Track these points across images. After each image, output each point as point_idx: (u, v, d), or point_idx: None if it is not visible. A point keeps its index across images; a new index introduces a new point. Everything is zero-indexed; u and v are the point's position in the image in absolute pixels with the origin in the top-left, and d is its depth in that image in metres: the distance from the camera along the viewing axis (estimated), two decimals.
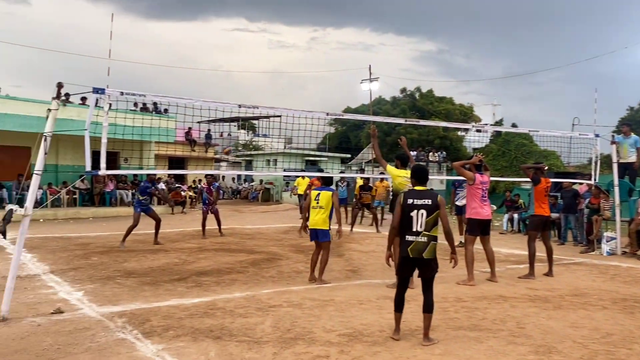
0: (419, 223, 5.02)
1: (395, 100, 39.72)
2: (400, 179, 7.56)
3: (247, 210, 23.28)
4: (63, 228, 14.61)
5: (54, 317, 5.71)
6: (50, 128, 5.79)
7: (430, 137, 34.19)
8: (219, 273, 8.41)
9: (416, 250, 5.01)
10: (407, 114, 35.94)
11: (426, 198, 5.07)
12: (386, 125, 35.40)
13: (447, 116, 34.78)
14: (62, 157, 19.87)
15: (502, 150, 29.71)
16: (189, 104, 7.27)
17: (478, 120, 39.18)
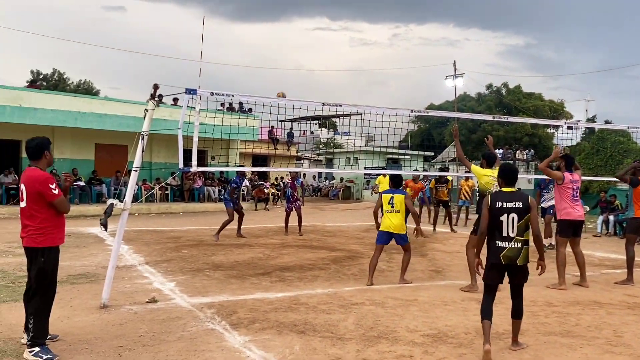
0: (510, 228, 4.70)
1: (481, 97, 38.53)
2: (487, 178, 7.29)
3: (327, 208, 23.47)
4: (156, 222, 15.42)
5: (148, 305, 6.05)
6: (147, 127, 6.13)
7: (518, 135, 32.91)
8: (302, 269, 8.55)
9: (509, 257, 4.71)
10: (493, 110, 34.79)
11: (516, 200, 4.74)
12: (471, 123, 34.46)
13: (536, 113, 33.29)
14: (156, 154, 20.95)
15: (596, 149, 27.98)
16: (274, 103, 7.44)
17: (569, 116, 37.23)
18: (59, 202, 4.50)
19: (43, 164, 4.60)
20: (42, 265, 4.47)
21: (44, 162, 4.60)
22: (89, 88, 49.37)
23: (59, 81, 47.91)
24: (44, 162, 4.61)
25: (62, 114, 17.26)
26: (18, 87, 18.82)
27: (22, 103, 16.54)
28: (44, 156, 4.59)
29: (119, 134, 18.44)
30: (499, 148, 31.57)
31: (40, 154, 4.57)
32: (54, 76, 48.63)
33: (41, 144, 4.60)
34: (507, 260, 4.71)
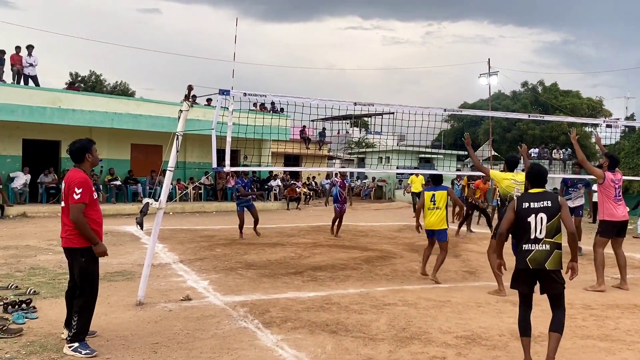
0: (538, 229, 4.32)
1: (516, 95, 37.85)
2: (507, 182, 7.01)
3: (359, 208, 23.42)
4: (190, 221, 15.65)
5: (183, 303, 6.15)
6: (181, 128, 6.22)
7: (554, 134, 32.22)
8: (334, 269, 8.55)
9: (536, 261, 4.29)
10: (529, 108, 34.15)
11: (545, 200, 4.40)
12: (506, 121, 33.88)
13: (573, 111, 32.53)
14: (189, 154, 21.26)
15: (637, 147, 27.16)
16: (306, 103, 7.46)
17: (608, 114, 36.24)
18: (74, 207, 4.47)
19: (86, 165, 4.71)
20: (83, 264, 4.55)
21: (87, 164, 4.71)
22: (124, 89, 50.44)
23: (96, 83, 49.07)
24: (87, 164, 4.72)
25: (99, 115, 17.68)
26: (57, 88, 19.34)
27: (61, 104, 17.00)
28: (86, 159, 4.68)
29: (153, 134, 18.79)
30: (534, 147, 30.97)
31: (82, 157, 4.67)
32: (91, 78, 49.83)
33: (82, 147, 4.68)
34: (534, 264, 4.29)
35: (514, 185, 6.88)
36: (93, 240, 4.54)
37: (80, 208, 4.48)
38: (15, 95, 16.25)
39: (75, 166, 4.69)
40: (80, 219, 4.47)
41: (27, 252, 9.34)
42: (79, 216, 4.47)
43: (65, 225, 4.59)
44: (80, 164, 4.68)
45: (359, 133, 42.62)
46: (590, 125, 32.90)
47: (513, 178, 6.97)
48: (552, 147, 30.64)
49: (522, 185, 7.04)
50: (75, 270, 4.62)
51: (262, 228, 12.44)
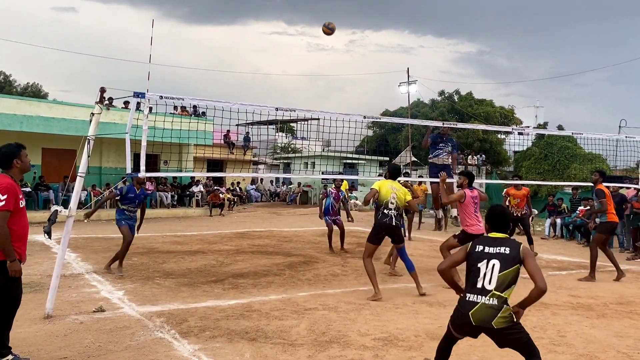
0: (487, 279, 3.65)
1: (434, 103, 39.25)
2: (385, 188, 7.25)
3: (284, 213, 23.41)
4: (105, 229, 14.99)
5: (95, 315, 5.87)
6: (93, 131, 5.96)
7: (469, 140, 33.65)
8: (256, 275, 8.48)
9: (480, 318, 3.58)
10: (446, 116, 35.49)
11: (502, 246, 3.75)
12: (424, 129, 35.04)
13: (487, 119, 34.16)
14: (106, 159, 20.45)
15: (545, 154, 28.98)
16: (226, 107, 7.36)
17: (519, 122, 38.37)
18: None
19: (15, 172, 4.37)
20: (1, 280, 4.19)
21: (16, 170, 4.39)
22: (36, 91, 47.76)
23: (5, 83, 46.14)
24: (16, 170, 4.39)
25: (7, 118, 16.66)
26: None
27: None
28: (14, 165, 4.36)
29: (67, 138, 17.91)
30: None
31: (10, 164, 4.35)
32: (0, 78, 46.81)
33: (8, 153, 4.36)
34: (478, 321, 3.59)
35: (391, 192, 7.18)
36: (9, 254, 4.15)
37: (5, 216, 4.11)
38: None
39: (2, 172, 4.35)
40: (3, 228, 4.09)
41: None
42: (2, 225, 4.09)
43: None
44: (8, 170, 4.35)
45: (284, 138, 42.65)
46: (503, 133, 34.71)
47: (391, 185, 7.29)
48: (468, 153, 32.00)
49: (399, 192, 7.25)
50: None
51: (183, 236, 12.14)
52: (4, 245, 4.11)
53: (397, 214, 7.19)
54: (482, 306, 3.57)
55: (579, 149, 27.96)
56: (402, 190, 7.36)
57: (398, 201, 7.19)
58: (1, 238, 4.09)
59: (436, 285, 8.01)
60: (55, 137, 18.18)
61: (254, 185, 30.36)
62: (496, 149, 34.92)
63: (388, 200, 7.13)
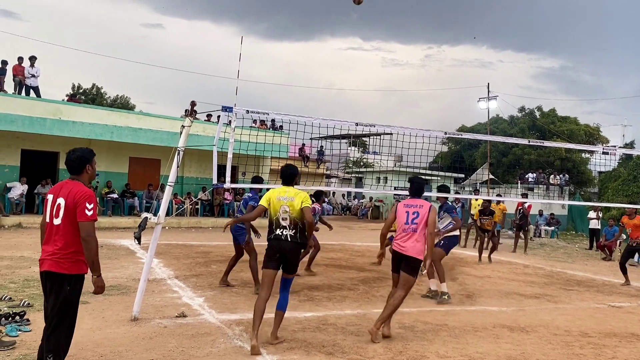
0: None
1: (513, 119, 38.05)
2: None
3: (356, 227, 23.37)
4: (186, 236, 15.57)
5: (178, 320, 6.09)
6: (183, 143, 6.23)
7: (551, 159, 32.32)
8: (330, 289, 8.50)
9: None
10: (526, 133, 34.31)
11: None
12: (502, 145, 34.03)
13: (571, 137, 32.70)
14: (187, 169, 21.25)
15: (634, 175, 27.29)
16: (308, 122, 7.47)
17: (605, 141, 36.42)
18: (86, 225, 3.80)
19: (85, 178, 4.04)
20: (67, 295, 3.83)
21: (86, 176, 4.05)
22: (124, 103, 50.55)
23: (97, 95, 49.17)
24: (86, 177, 4.05)
25: (99, 128, 17.70)
26: (58, 100, 19.39)
27: (62, 116, 17.02)
28: (86, 170, 4.03)
29: (152, 148, 18.81)
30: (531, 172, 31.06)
31: (82, 168, 4.01)
32: (92, 90, 49.97)
33: (82, 157, 4.02)
34: None
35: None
36: (98, 268, 3.89)
37: (93, 226, 3.86)
38: (16, 106, 16.26)
39: (72, 178, 4.01)
40: (94, 240, 3.82)
41: (21, 263, 9.26)
42: (93, 235, 3.81)
43: (54, 245, 3.83)
44: (78, 175, 4.01)
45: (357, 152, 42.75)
46: (588, 152, 33.06)
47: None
48: (549, 172, 30.72)
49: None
50: (53, 301, 3.83)
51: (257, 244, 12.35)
52: (94, 257, 3.84)
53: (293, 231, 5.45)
54: None
55: None
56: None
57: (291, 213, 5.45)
58: (93, 250, 3.82)
59: (517, 309, 7.72)
60: (141, 147, 19.14)
61: (326, 198, 30.60)
62: (580, 168, 33.31)
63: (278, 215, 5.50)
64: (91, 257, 3.82)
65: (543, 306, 8.09)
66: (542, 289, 9.64)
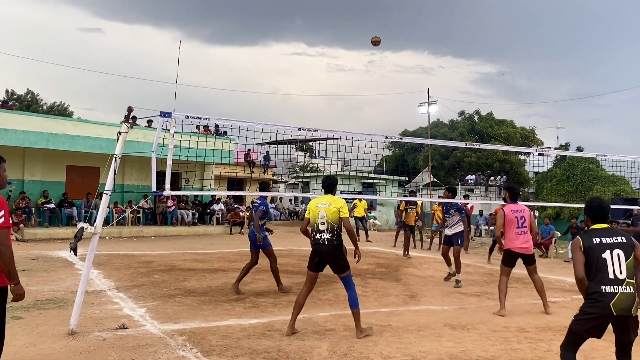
0: (617, 268, 3.81)
1: (454, 123, 39.17)
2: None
3: None
4: (127, 246, 15.14)
5: (118, 332, 5.90)
6: (120, 150, 6.06)
7: (489, 161, 33.44)
8: (276, 294, 8.47)
9: (622, 307, 3.76)
10: (466, 137, 35.37)
11: (617, 235, 3.94)
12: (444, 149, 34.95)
13: (508, 139, 33.97)
14: (128, 177, 20.70)
15: (567, 175, 28.63)
16: (250, 127, 7.44)
17: (540, 143, 38.03)
18: (0, 234, 3.56)
19: None
20: None
21: None
22: (62, 109, 48.76)
23: (32, 102, 47.19)
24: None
25: (33, 135, 16.96)
26: None
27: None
28: None
29: (90, 156, 18.21)
30: (471, 174, 32.05)
31: None
32: (27, 97, 47.92)
33: None
34: (620, 311, 3.75)
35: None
36: (15, 277, 3.64)
37: (6, 233, 3.60)
38: None
39: None
40: (8, 247, 3.57)
41: None
42: (6, 243, 3.56)
43: None
44: None
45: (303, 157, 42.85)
46: (524, 154, 34.42)
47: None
48: (489, 174, 31.79)
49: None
50: None
51: (203, 254, 12.21)
52: (9, 266, 3.60)
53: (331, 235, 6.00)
54: (623, 295, 3.74)
55: (602, 171, 27.60)
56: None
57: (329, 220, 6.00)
58: (7, 258, 3.58)
59: (459, 308, 7.93)
60: (79, 155, 18.49)
61: (273, 204, 30.47)
62: (517, 169, 34.62)
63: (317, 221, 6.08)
64: (6, 266, 3.60)
65: (483, 304, 8.35)
66: (482, 287, 9.95)
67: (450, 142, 11.95)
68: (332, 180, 6.38)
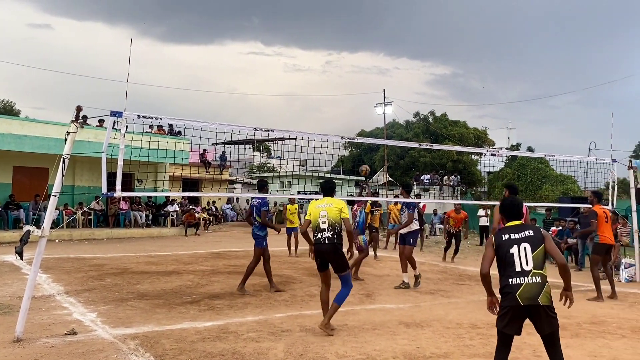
0: (524, 261, 3.97)
1: (409, 124, 39.78)
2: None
3: None
4: (78, 249, 14.71)
5: (67, 338, 5.72)
6: (68, 150, 5.88)
7: (443, 161, 34.11)
8: (232, 296, 8.39)
9: (528, 297, 3.87)
10: (421, 137, 35.96)
11: (526, 230, 4.11)
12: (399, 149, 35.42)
13: (461, 140, 34.73)
14: (79, 178, 20.12)
15: (518, 175, 29.51)
16: (204, 127, 7.34)
17: (492, 143, 39.04)
18: None
19: None
20: None
21: None
22: (9, 108, 46.93)
23: None
24: None
25: None
26: None
27: None
28: None
29: (39, 156, 17.59)
30: (426, 174, 32.61)
31: None
32: None
33: None
34: (525, 300, 3.86)
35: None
36: None
37: None
38: None
39: None
40: None
41: None
42: None
43: None
44: None
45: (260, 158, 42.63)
46: (476, 154, 35.25)
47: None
48: (442, 173, 32.42)
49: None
50: None
51: (157, 256, 11.99)
52: None
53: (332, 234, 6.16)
54: (527, 285, 3.86)
55: (551, 171, 28.59)
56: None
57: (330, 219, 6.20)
58: None
59: (414, 306, 8.05)
60: (26, 155, 17.85)
61: (229, 204, 30.18)
62: (470, 169, 35.42)
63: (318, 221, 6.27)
64: None
65: (437, 301, 8.50)
66: (436, 285, 10.13)
67: (405, 143, 12.13)
68: (331, 185, 6.68)
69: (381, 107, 28.94)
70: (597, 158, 12.30)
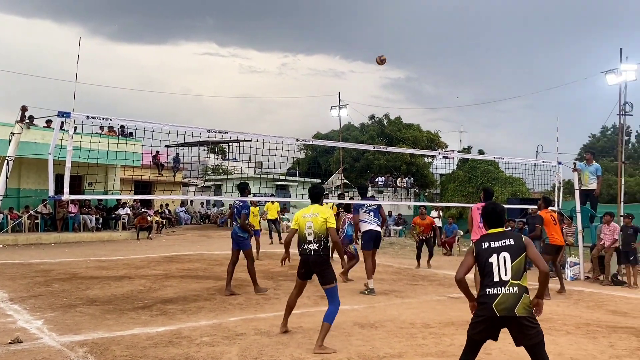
0: (502, 270, 3.89)
1: (364, 127, 40.14)
2: None
3: (215, 236, 23.00)
4: (24, 254, 14.16)
5: (11, 347, 5.50)
6: (12, 151, 5.67)
7: (397, 163, 34.60)
8: (185, 301, 8.26)
9: (504, 307, 3.79)
10: (376, 140, 36.31)
11: (506, 238, 4.02)
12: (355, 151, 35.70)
13: (415, 142, 35.28)
14: (25, 180, 19.39)
15: (469, 177, 30.24)
16: (157, 128, 7.21)
17: (445, 146, 39.82)
18: None
19: None
20: None
21: None
22: None
23: None
24: None
25: None
26: None
27: None
28: None
29: None
30: (380, 176, 33.00)
31: None
32: None
33: None
34: (502, 311, 3.79)
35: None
36: None
37: None
38: None
39: None
40: None
41: None
42: None
43: None
44: None
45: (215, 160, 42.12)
46: (429, 156, 35.90)
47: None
48: (396, 176, 32.83)
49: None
50: None
51: (108, 260, 11.68)
52: None
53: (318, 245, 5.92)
54: (504, 296, 3.78)
55: (501, 173, 29.41)
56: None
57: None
58: None
59: (368, 306, 8.12)
60: None
61: (183, 207, 29.70)
62: (423, 172, 36.02)
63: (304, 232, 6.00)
64: None
65: (391, 302, 8.61)
66: (390, 286, 10.26)
67: (360, 145, 12.29)
68: (318, 190, 6.31)
69: (336, 110, 29.10)
70: (544, 161, 12.77)
